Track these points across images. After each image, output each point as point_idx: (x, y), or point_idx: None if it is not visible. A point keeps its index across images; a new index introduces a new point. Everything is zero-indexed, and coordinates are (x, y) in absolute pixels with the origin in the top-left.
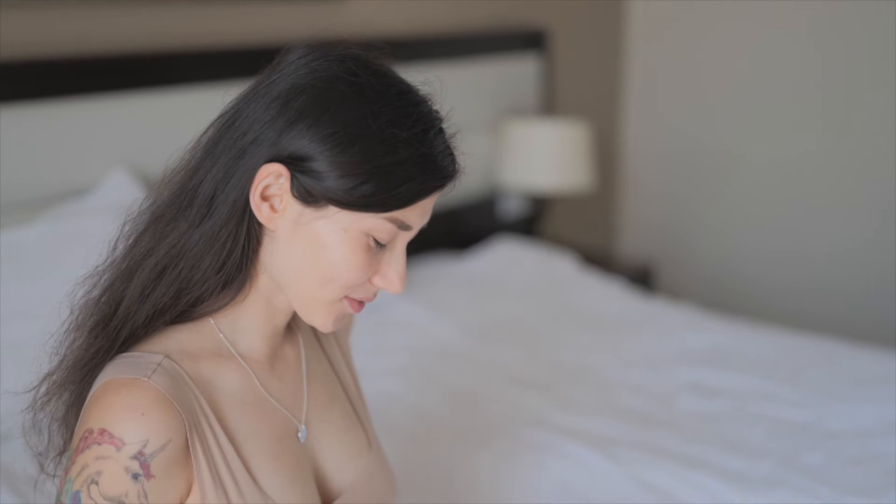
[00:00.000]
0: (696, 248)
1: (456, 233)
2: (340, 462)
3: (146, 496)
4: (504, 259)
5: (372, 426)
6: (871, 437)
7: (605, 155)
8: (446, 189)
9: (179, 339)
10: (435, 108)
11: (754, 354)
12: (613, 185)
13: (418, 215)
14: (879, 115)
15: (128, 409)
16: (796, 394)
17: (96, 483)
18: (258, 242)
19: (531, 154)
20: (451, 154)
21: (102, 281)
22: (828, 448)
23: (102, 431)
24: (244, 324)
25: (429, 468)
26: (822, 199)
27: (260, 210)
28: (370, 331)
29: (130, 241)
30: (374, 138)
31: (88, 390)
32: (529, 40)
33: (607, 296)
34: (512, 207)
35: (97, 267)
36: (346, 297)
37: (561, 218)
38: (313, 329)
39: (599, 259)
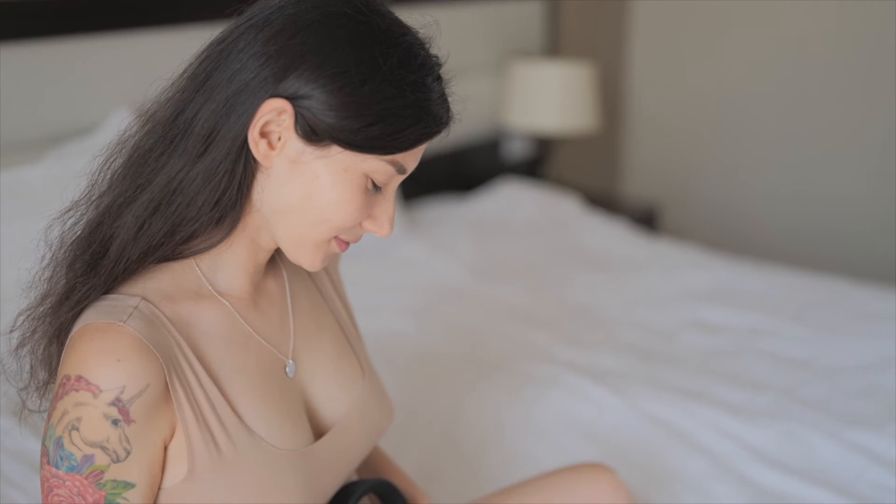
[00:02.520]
0: (701, 189)
1: (460, 174)
2: (332, 393)
3: (128, 441)
4: (508, 200)
5: (366, 355)
6: (872, 372)
7: (610, 96)
8: (441, 135)
9: (158, 280)
10: (434, 53)
11: (758, 292)
12: (618, 126)
13: (414, 159)
14: (883, 57)
15: (103, 355)
16: (799, 330)
17: (77, 429)
18: (252, 179)
19: (536, 95)
20: (447, 101)
21: (85, 217)
22: (829, 382)
23: (79, 378)
24: (226, 261)
25: (434, 403)
26: (826, 139)
27: (257, 146)
28: (375, 271)
29: (116, 175)
30: (384, 79)
31: (70, 328)
32: None
33: (611, 235)
34: (516, 149)
35: (77, 201)
36: (333, 237)
37: (565, 160)
38: None
39: (604, 201)
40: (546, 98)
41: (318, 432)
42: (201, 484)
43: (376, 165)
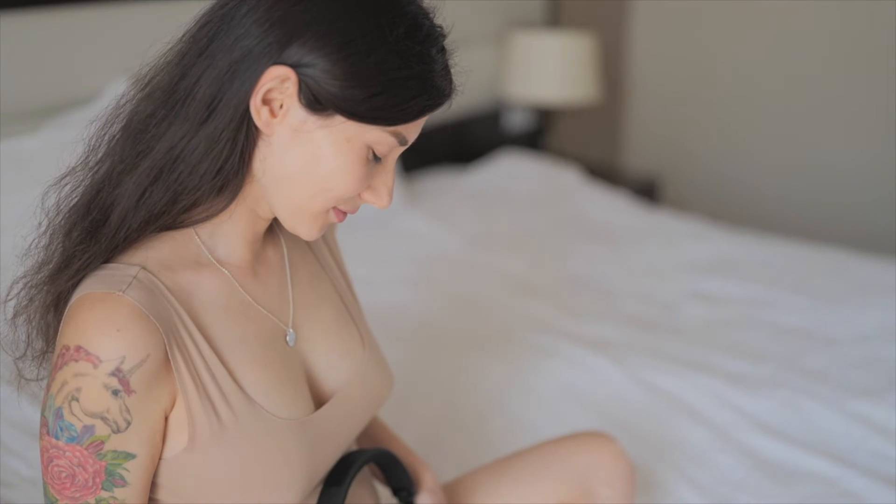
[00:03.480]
0: (702, 161)
1: (461, 146)
2: (332, 362)
3: (128, 411)
4: (509, 172)
5: (366, 324)
6: (873, 342)
7: (612, 67)
8: (444, 107)
9: (157, 249)
10: (437, 23)
11: (759, 263)
12: (619, 97)
13: (415, 130)
14: (885, 26)
15: (103, 325)
16: (799, 301)
17: (76, 400)
18: (253, 147)
19: (537, 66)
20: (450, 72)
21: (83, 184)
22: (829, 352)
23: (79, 348)
24: (225, 230)
25: (434, 373)
26: (829, 111)
27: (259, 114)
28: (375, 242)
29: (115, 141)
30: (390, 49)
31: (68, 298)
32: None
33: (612, 207)
34: (517, 121)
35: (73, 168)
36: (332, 207)
37: (566, 131)
38: None
39: (605, 172)
40: (547, 69)
41: (319, 402)
42: (202, 454)
43: (378, 136)
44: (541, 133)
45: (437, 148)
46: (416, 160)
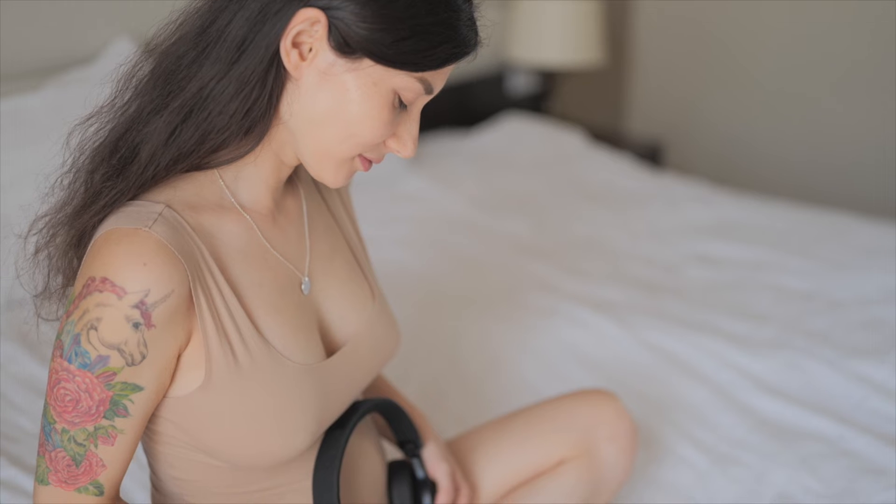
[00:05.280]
0: (706, 125)
1: (464, 109)
2: (344, 313)
3: (145, 345)
4: (512, 135)
5: (376, 279)
6: (875, 305)
7: (616, 30)
8: (469, 58)
9: (182, 189)
10: None
11: (762, 227)
12: (624, 61)
13: (441, 80)
14: None
15: (129, 259)
16: (802, 263)
17: (95, 329)
18: (282, 90)
19: (541, 29)
20: (475, 24)
21: (110, 124)
22: (832, 314)
23: (104, 280)
24: (248, 175)
25: (436, 332)
26: (832, 75)
27: (289, 56)
28: (378, 203)
29: (143, 83)
30: None
31: (91, 234)
32: None
33: (616, 170)
34: (520, 84)
35: (100, 108)
36: (358, 155)
37: (570, 95)
38: (315, 183)
39: (608, 136)
40: (551, 32)
41: (329, 351)
42: (217, 393)
43: (405, 82)
44: (544, 96)
45: (441, 111)
46: (419, 123)
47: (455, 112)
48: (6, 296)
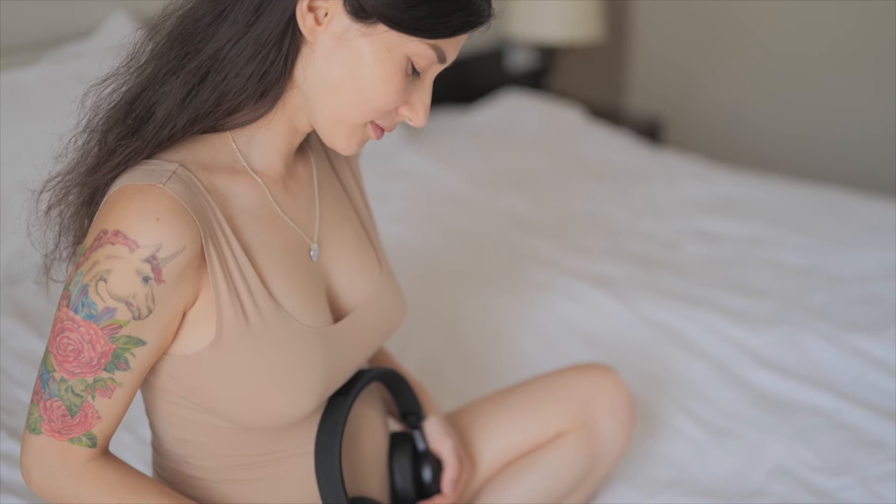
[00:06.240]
0: (706, 102)
1: (463, 85)
2: (352, 281)
3: (153, 300)
4: (511, 111)
5: (383, 250)
6: (874, 280)
7: (616, 6)
8: (482, 28)
9: (195, 151)
10: None
11: (761, 203)
12: (623, 37)
13: (454, 50)
14: None
15: (143, 213)
16: (801, 240)
17: (105, 280)
18: (297, 54)
19: (540, 4)
20: None
21: (126, 86)
22: (830, 290)
23: (117, 233)
24: (261, 139)
25: (434, 307)
26: (832, 50)
27: (304, 20)
28: (375, 178)
29: (159, 46)
30: None
31: (103, 194)
32: None
33: (615, 147)
34: (519, 60)
35: (116, 69)
36: (370, 122)
37: (569, 72)
38: (325, 152)
39: (607, 113)
40: (550, 7)
41: (336, 318)
42: (227, 352)
43: (419, 48)
44: (544, 73)
45: (440, 87)
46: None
47: (454, 88)
48: (5, 271)
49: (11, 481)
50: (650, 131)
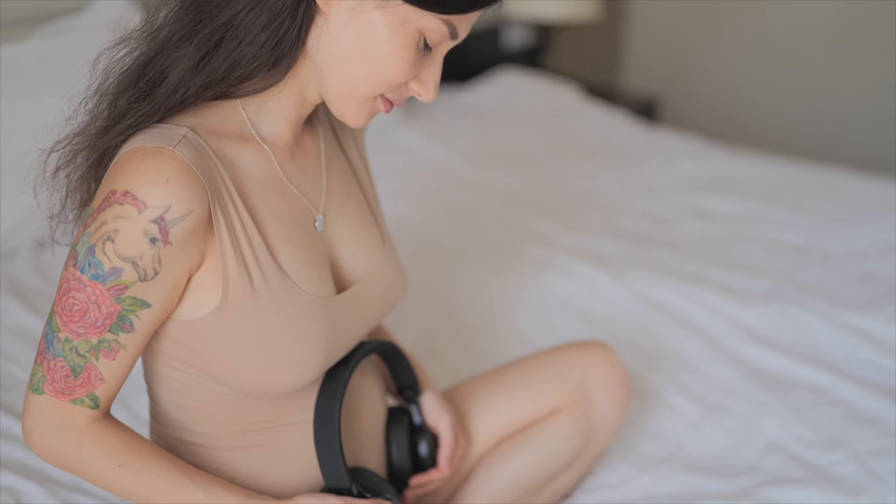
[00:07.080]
0: (702, 81)
1: (459, 63)
2: (355, 253)
3: (159, 262)
4: (507, 89)
5: (386, 226)
6: (869, 258)
7: None
8: (495, 6)
9: (205, 117)
10: None
11: (757, 181)
12: (620, 15)
13: (466, 26)
14: None
15: (152, 174)
16: (797, 218)
17: (112, 241)
18: (310, 24)
19: None
20: None
21: (138, 50)
22: (825, 267)
23: (126, 193)
24: (271, 108)
25: (430, 284)
26: (828, 30)
27: None
28: (371, 155)
29: (173, 12)
30: None
31: (112, 157)
32: None
33: (611, 125)
34: (516, 38)
35: (129, 34)
36: (380, 95)
37: (565, 50)
38: (332, 126)
39: (603, 92)
40: None
41: (339, 288)
42: (232, 317)
43: (432, 23)
44: (540, 51)
45: None
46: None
47: (450, 66)
48: (1, 246)
49: (10, 458)
50: (646, 109)
